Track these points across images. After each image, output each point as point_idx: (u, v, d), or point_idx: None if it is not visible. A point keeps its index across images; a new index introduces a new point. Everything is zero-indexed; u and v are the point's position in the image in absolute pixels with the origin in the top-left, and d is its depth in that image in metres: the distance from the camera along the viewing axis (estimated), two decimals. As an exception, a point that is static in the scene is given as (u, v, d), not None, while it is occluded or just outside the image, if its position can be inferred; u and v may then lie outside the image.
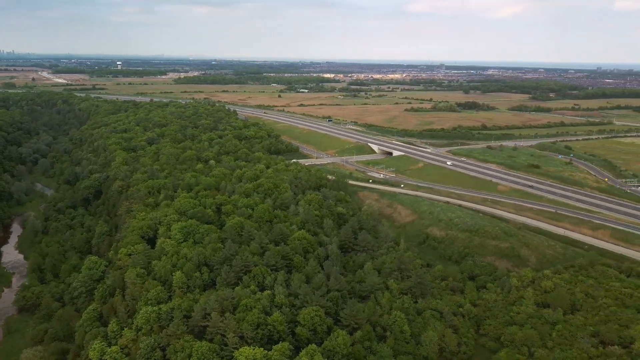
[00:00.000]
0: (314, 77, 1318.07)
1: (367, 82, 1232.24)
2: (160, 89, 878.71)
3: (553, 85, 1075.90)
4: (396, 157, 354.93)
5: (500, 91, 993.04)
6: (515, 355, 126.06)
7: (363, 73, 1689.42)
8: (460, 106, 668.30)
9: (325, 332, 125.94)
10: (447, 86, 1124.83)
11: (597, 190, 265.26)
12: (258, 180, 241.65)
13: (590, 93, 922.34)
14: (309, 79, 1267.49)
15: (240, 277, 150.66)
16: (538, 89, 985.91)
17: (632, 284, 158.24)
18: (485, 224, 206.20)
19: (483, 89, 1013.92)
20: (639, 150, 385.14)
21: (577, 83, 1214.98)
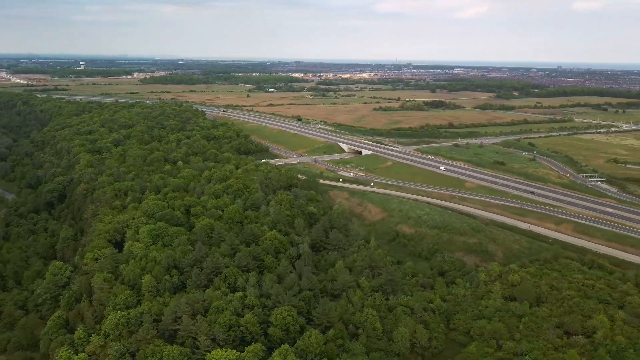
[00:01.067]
0: (282, 77, 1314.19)
1: (335, 81, 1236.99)
2: (125, 89, 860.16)
3: (516, 84, 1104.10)
4: (366, 156, 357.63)
5: (466, 90, 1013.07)
6: (484, 348, 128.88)
7: (332, 73, 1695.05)
8: (428, 105, 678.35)
9: (298, 331, 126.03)
10: (415, 85, 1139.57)
11: (560, 186, 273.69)
12: (227, 180, 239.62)
13: (551, 91, 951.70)
14: (278, 78, 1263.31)
15: (211, 279, 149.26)
16: (502, 87, 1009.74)
17: (594, 276, 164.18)
18: (454, 221, 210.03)
19: (449, 88, 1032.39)
20: (598, 146, 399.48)
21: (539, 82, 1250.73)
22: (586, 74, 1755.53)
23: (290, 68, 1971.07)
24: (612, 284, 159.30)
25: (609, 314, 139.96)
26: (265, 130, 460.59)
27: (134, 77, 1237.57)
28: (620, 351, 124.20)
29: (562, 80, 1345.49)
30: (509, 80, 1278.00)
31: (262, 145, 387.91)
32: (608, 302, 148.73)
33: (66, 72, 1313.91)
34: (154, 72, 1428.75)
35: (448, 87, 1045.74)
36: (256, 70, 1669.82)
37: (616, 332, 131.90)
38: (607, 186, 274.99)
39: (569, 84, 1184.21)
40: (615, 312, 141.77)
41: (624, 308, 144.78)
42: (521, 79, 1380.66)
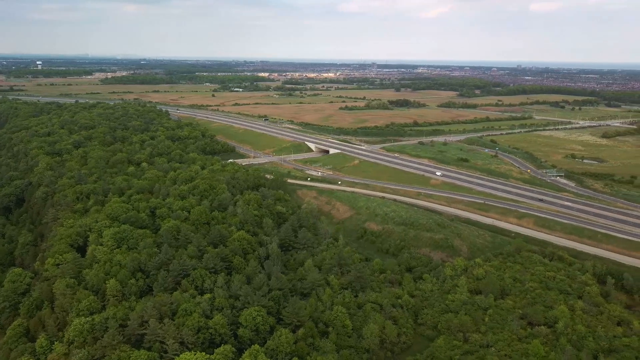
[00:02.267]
0: (248, 76, 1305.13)
1: (301, 81, 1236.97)
2: (86, 89, 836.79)
3: (478, 83, 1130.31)
4: (333, 154, 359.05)
5: (429, 89, 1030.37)
6: (451, 342, 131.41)
7: (298, 72, 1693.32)
8: (393, 104, 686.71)
9: (268, 331, 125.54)
10: (380, 84, 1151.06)
11: (521, 181, 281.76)
12: (193, 181, 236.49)
13: (512, 90, 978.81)
14: (244, 78, 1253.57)
15: (178, 282, 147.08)
16: (464, 86, 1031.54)
17: (554, 267, 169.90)
18: (420, 217, 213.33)
19: (414, 87, 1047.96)
20: (556, 142, 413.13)
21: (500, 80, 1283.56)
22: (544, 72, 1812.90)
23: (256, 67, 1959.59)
24: (572, 275, 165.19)
25: (569, 304, 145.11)
26: (231, 130, 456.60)
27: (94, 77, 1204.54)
28: (580, 339, 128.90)
29: (522, 79, 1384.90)
30: (471, 79, 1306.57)
31: (228, 145, 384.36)
32: (568, 292, 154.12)
33: (22, 72, 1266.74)
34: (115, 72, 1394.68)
35: (412, 86, 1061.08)
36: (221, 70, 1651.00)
37: (576, 321, 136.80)
38: (566, 181, 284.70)
39: (528, 82, 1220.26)
40: (575, 302, 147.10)
41: (583, 298, 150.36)
42: (483, 77, 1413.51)
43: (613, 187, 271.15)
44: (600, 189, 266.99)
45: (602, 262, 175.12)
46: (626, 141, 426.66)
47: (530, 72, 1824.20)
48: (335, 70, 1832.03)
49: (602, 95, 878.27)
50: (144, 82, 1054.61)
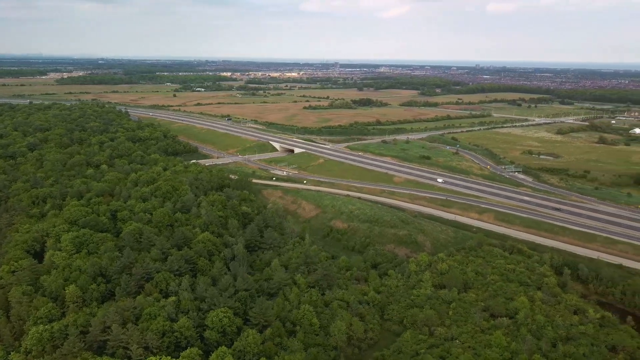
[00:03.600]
0: (210, 76, 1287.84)
1: (265, 80, 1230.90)
2: (40, 90, 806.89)
3: (439, 82, 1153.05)
4: (298, 154, 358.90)
5: (391, 88, 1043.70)
6: (417, 336, 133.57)
7: (260, 71, 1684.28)
8: (356, 103, 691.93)
9: (235, 332, 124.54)
10: (343, 84, 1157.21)
11: (481, 177, 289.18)
12: (155, 183, 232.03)
13: (471, 88, 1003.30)
14: (206, 77, 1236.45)
15: (141, 286, 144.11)
16: (425, 85, 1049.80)
17: (514, 260, 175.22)
18: (384, 214, 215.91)
19: (376, 86, 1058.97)
20: (514, 139, 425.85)
21: (459, 79, 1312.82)
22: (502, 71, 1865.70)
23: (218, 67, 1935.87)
24: (531, 267, 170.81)
25: (529, 295, 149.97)
26: (193, 130, 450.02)
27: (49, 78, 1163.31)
28: (539, 329, 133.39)
29: (480, 78, 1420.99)
30: (431, 78, 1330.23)
31: (190, 146, 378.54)
32: (528, 284, 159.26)
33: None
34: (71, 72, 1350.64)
35: (375, 86, 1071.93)
36: (182, 70, 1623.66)
37: (536, 311, 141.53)
38: (524, 176, 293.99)
39: (487, 81, 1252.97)
40: (534, 293, 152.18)
41: (542, 289, 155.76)
42: (443, 76, 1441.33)
43: (568, 181, 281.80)
44: (556, 184, 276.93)
45: (558, 253, 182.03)
46: (579, 137, 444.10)
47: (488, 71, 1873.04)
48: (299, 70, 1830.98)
49: (556, 93, 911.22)
50: (102, 82, 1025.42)
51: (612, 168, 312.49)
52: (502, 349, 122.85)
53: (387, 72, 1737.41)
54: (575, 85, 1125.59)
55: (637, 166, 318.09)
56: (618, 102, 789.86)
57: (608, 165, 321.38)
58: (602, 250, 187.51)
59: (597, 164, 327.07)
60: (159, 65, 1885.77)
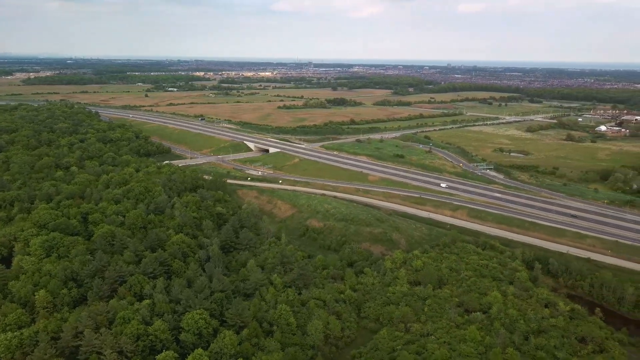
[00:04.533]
0: (183, 76, 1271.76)
1: (238, 80, 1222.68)
2: (6, 90, 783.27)
3: (411, 81, 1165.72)
4: (273, 154, 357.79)
5: (365, 87, 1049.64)
6: (393, 333, 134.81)
7: (234, 71, 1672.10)
8: (330, 102, 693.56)
9: (211, 334, 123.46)
10: (317, 83, 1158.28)
11: (454, 175, 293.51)
12: (128, 184, 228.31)
13: (443, 87, 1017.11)
14: (178, 77, 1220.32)
15: (114, 289, 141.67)
16: (399, 84, 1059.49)
17: (487, 256, 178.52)
18: (360, 213, 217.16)
19: (350, 86, 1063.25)
20: (486, 137, 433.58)
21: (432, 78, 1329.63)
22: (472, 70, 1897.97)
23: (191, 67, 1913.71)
24: (503, 262, 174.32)
25: (502, 290, 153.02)
26: (166, 131, 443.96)
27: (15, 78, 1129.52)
28: (512, 323, 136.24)
29: (452, 77, 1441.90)
30: (404, 77, 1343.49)
31: (163, 146, 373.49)
32: (500, 279, 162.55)
33: None
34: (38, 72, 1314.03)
35: (348, 85, 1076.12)
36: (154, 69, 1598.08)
37: (508, 305, 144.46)
38: (495, 173, 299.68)
39: (458, 80, 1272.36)
40: (507, 287, 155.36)
41: (514, 283, 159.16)
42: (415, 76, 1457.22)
43: (538, 178, 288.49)
44: (527, 180, 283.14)
45: (530, 248, 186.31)
46: (548, 134, 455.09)
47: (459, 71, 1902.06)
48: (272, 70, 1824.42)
49: (525, 92, 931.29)
50: (70, 82, 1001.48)
51: (580, 164, 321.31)
52: (477, 343, 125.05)
53: (361, 72, 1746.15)
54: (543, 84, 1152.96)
55: (602, 162, 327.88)
56: (584, 100, 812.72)
57: (576, 162, 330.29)
58: (571, 244, 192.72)
59: (566, 160, 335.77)
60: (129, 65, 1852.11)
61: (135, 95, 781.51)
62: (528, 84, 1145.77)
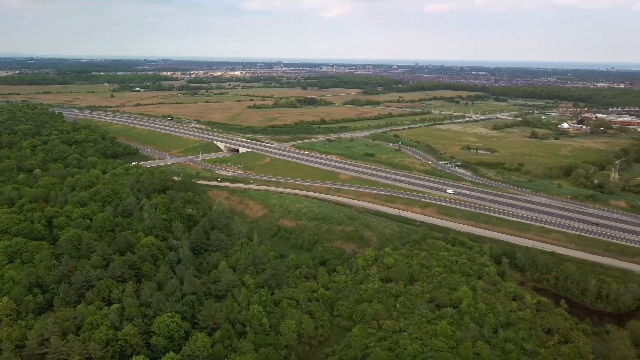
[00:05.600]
0: (150, 75, 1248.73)
1: (207, 79, 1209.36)
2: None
3: (380, 80, 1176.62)
4: (243, 153, 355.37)
5: (335, 87, 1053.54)
6: (366, 330, 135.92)
7: (202, 70, 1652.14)
8: (300, 102, 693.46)
9: (183, 337, 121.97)
10: (286, 83, 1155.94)
11: (423, 173, 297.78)
12: (94, 187, 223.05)
13: (411, 86, 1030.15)
14: (145, 77, 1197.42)
15: (82, 294, 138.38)
16: (368, 84, 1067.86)
17: (456, 252, 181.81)
18: (331, 211, 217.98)
19: (320, 85, 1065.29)
20: (453, 135, 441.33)
21: (400, 78, 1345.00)
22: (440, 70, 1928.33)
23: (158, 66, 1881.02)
24: (472, 258, 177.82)
25: (471, 285, 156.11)
26: (133, 132, 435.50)
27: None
28: (481, 316, 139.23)
29: (420, 76, 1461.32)
30: (373, 76, 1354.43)
31: (131, 147, 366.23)
32: (470, 274, 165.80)
33: None
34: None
35: (318, 85, 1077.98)
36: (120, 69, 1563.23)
37: (478, 300, 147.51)
38: (463, 170, 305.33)
39: (426, 79, 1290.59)
40: (476, 282, 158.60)
41: (483, 278, 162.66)
42: (384, 75, 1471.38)
43: (504, 174, 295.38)
44: (494, 177, 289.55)
45: (497, 244, 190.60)
46: (513, 132, 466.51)
47: (427, 70, 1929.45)
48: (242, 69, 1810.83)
49: (491, 90, 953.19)
50: (32, 82, 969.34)
51: (544, 161, 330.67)
52: (448, 337, 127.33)
53: (331, 71, 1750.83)
54: (508, 83, 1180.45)
55: (565, 159, 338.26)
56: (547, 98, 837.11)
57: (540, 159, 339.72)
58: (536, 239, 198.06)
59: (530, 157, 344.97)
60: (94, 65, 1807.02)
61: (100, 95, 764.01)
62: (494, 83, 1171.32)
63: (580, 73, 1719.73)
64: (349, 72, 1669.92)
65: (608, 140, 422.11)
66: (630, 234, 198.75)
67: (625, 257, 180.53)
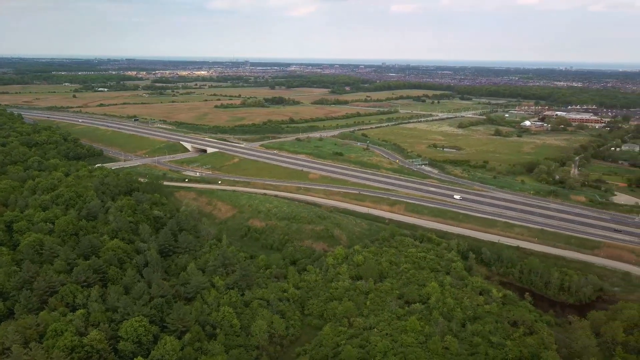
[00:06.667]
0: (114, 75, 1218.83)
1: (173, 79, 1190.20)
2: None
3: (348, 80, 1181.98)
4: (211, 154, 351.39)
5: (303, 86, 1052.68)
6: (337, 328, 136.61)
7: (168, 70, 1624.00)
8: (268, 101, 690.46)
9: (151, 341, 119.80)
10: (254, 82, 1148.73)
11: (391, 171, 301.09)
12: (57, 190, 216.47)
13: (378, 86, 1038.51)
14: (108, 77, 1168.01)
15: (45, 301, 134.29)
16: (335, 83, 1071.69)
17: (425, 248, 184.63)
18: (301, 211, 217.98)
19: (288, 85, 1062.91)
20: (420, 133, 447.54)
21: (367, 77, 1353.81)
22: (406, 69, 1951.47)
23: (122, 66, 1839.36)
24: (440, 254, 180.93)
25: (439, 281, 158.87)
26: (97, 133, 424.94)
27: None
28: (450, 311, 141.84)
29: (387, 76, 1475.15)
30: (341, 76, 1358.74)
31: (95, 149, 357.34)
32: (438, 270, 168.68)
33: None
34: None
35: (286, 84, 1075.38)
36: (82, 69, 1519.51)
37: (446, 295, 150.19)
38: (430, 168, 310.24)
39: (393, 78, 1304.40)
40: (444, 278, 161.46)
41: (450, 273, 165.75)
42: (352, 75, 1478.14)
43: (469, 171, 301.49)
44: (459, 174, 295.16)
45: (464, 239, 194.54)
46: (478, 130, 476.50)
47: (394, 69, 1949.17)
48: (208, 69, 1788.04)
49: (456, 89, 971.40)
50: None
51: (507, 158, 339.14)
52: (417, 333, 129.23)
53: (298, 71, 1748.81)
54: (472, 82, 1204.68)
55: (528, 156, 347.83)
56: (510, 97, 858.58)
57: (504, 156, 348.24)
58: (501, 234, 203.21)
59: (495, 154, 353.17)
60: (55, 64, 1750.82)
61: (62, 95, 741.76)
62: (458, 82, 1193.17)
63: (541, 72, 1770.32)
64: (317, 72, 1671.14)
65: (568, 137, 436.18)
66: (589, 227, 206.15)
67: (585, 250, 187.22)
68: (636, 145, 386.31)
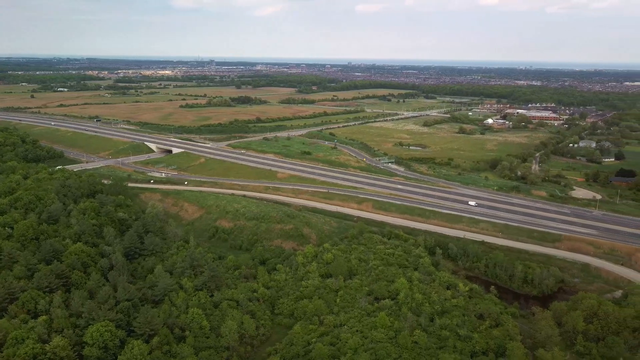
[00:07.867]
0: (74, 75, 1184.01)
1: (136, 79, 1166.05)
2: None
3: (314, 79, 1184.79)
4: (177, 154, 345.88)
5: (269, 86, 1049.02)
6: (308, 326, 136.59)
7: (131, 69, 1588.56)
8: (235, 101, 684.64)
9: (118, 346, 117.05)
10: (220, 82, 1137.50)
11: (359, 170, 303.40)
12: (15, 193, 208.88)
13: (345, 85, 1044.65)
14: (68, 77, 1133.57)
15: (4, 308, 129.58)
16: (302, 82, 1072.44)
17: (393, 245, 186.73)
18: (270, 210, 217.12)
19: (254, 84, 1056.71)
20: (386, 132, 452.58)
21: (334, 77, 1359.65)
22: (372, 69, 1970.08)
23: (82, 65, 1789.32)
24: (408, 250, 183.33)
25: (408, 276, 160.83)
26: (57, 134, 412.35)
27: None
28: (418, 306, 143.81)
29: (353, 75, 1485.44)
30: (307, 75, 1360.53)
31: (55, 151, 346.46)
32: (406, 266, 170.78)
33: None
34: None
35: (253, 83, 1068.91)
36: (41, 68, 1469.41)
37: (414, 290, 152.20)
38: (396, 166, 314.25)
39: (359, 78, 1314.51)
40: (412, 273, 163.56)
41: (418, 269, 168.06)
42: (318, 74, 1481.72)
43: (435, 169, 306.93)
44: (425, 172, 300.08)
45: (431, 235, 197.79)
46: (442, 128, 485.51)
47: (360, 69, 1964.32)
48: (173, 68, 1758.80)
49: (421, 88, 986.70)
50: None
51: (471, 155, 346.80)
52: (387, 328, 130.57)
53: (264, 70, 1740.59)
54: (437, 81, 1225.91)
55: (491, 152, 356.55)
56: (473, 95, 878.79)
57: (468, 153, 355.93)
58: (467, 229, 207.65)
59: (459, 152, 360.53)
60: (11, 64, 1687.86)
61: (19, 96, 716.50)
62: (423, 81, 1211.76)
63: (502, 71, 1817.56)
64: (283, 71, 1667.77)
65: (529, 135, 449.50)
66: (550, 221, 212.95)
67: (546, 243, 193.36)
68: (592, 141, 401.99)
